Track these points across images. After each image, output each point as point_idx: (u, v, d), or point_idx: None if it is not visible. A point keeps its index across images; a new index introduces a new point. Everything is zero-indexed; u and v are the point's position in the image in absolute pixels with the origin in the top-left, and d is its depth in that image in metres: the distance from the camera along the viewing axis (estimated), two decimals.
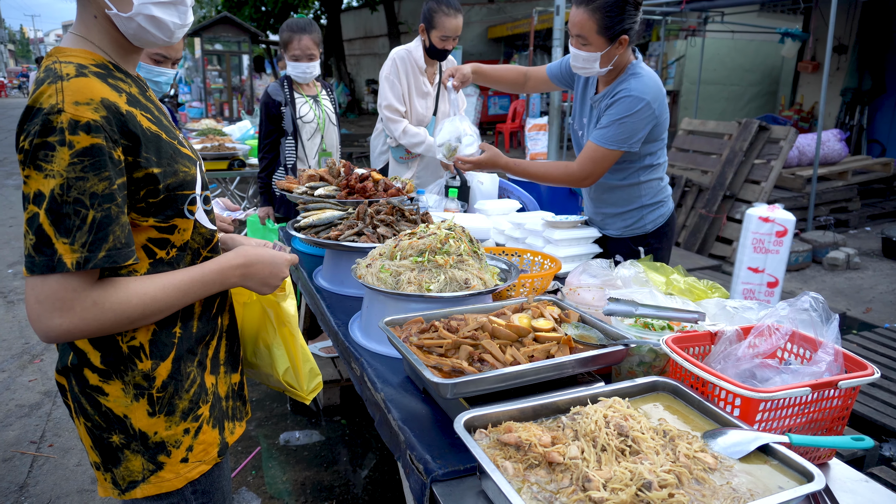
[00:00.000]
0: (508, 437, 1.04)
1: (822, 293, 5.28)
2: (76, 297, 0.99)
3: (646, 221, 2.47)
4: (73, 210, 0.97)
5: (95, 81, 1.03)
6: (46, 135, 0.97)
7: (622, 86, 2.22)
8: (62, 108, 0.98)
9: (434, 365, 1.28)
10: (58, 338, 1.01)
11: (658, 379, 1.27)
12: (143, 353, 1.15)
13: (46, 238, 0.97)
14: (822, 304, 1.34)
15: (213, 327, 1.29)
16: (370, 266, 1.74)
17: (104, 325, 1.03)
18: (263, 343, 1.50)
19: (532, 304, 1.54)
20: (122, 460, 1.17)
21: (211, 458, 1.27)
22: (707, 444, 1.06)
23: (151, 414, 1.17)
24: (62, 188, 0.97)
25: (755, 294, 4.53)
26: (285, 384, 1.53)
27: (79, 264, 0.98)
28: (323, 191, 2.46)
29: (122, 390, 1.14)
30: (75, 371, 1.14)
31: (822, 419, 1.21)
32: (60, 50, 1.09)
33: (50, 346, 4.08)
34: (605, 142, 2.21)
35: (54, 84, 0.99)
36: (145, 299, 1.07)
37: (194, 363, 1.23)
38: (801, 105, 10.73)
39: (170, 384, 1.18)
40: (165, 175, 1.10)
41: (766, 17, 12.26)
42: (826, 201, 6.97)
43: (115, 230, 1.02)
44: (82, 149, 0.98)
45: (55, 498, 2.65)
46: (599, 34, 2.10)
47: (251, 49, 11.94)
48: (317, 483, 2.76)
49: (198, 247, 1.22)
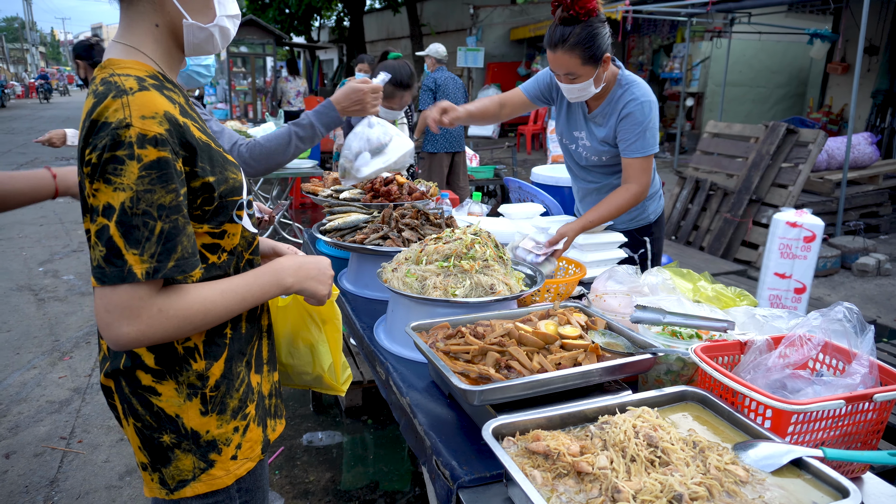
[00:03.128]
0: (537, 445, 1.04)
1: (852, 300, 5.17)
2: (143, 306, 1.02)
3: (648, 212, 2.61)
4: (142, 222, 1.00)
5: (156, 94, 1.05)
6: (115, 149, 0.99)
7: (627, 96, 2.31)
8: (130, 122, 1.00)
9: (461, 371, 1.28)
10: (126, 345, 1.04)
11: (687, 388, 1.25)
12: (197, 353, 1.17)
13: (117, 249, 1.00)
14: (856, 315, 1.32)
15: (258, 328, 1.33)
16: (396, 270, 1.75)
17: (168, 332, 1.06)
18: (304, 342, 1.52)
19: (558, 310, 1.54)
20: (172, 460, 1.19)
21: (256, 455, 1.29)
22: (738, 456, 1.05)
23: (204, 413, 1.19)
24: (132, 201, 0.99)
25: (782, 300, 4.45)
26: (327, 380, 1.55)
27: (148, 274, 1.01)
28: (348, 194, 2.47)
29: (174, 390, 1.16)
30: (127, 373, 1.16)
31: (856, 432, 1.19)
32: (114, 62, 1.10)
33: (79, 344, 4.17)
34: (645, 150, 2.32)
35: (119, 98, 1.01)
36: (206, 304, 1.09)
37: (243, 363, 1.26)
38: (830, 107, 10.54)
39: (222, 383, 1.21)
40: (219, 183, 1.13)
41: (795, 17, 12.05)
42: (856, 206, 6.82)
43: (182, 240, 1.05)
44: (150, 162, 1.00)
45: (84, 493, 2.71)
46: (585, 65, 2.18)
47: (275, 51, 12.07)
48: (340, 484, 2.78)
49: (241, 250, 1.24)
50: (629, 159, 2.33)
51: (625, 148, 2.34)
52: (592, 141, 2.45)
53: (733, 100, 12.32)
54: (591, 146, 2.47)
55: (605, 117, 2.37)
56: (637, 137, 2.30)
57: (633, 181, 2.33)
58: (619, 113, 2.31)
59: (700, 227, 6.73)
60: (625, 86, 2.32)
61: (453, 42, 17.35)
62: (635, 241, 2.59)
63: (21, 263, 5.89)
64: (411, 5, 17.04)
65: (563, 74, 2.22)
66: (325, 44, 23.44)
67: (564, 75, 2.22)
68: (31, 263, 5.90)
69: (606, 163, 2.48)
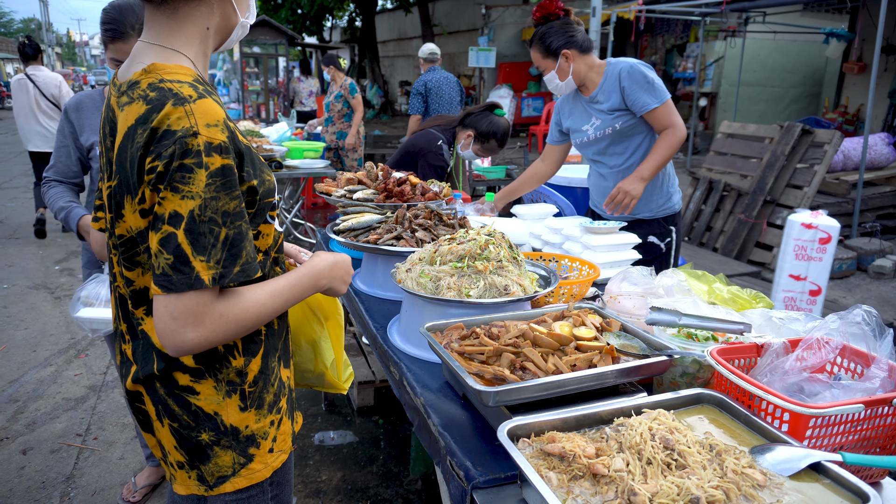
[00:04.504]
0: (552, 447, 1.04)
1: (868, 302, 5.12)
2: (207, 312, 1.03)
3: (673, 201, 2.75)
4: (208, 229, 1.01)
5: (213, 101, 1.06)
6: (184, 157, 0.99)
7: (618, 67, 2.55)
8: (197, 130, 1.00)
9: (476, 372, 1.28)
10: (188, 351, 1.05)
11: (703, 391, 1.25)
12: (236, 350, 1.19)
13: (185, 257, 1.00)
14: (875, 318, 1.31)
15: (285, 324, 1.35)
16: (410, 271, 1.75)
17: (227, 335, 1.08)
18: (306, 339, 1.53)
19: (573, 311, 1.53)
20: (211, 457, 1.20)
21: (288, 447, 1.32)
22: (755, 459, 1.04)
23: (243, 409, 1.20)
24: (200, 208, 1.00)
25: (796, 302, 4.41)
26: (329, 377, 1.56)
27: (215, 280, 1.02)
28: (361, 194, 2.48)
29: (213, 388, 1.17)
30: (162, 376, 1.16)
31: (875, 437, 1.18)
32: (159, 67, 1.08)
33: (95, 342, 4.21)
34: (660, 97, 2.50)
35: (181, 106, 1.01)
36: (258, 307, 1.11)
37: (276, 358, 1.28)
38: (846, 107, 10.42)
39: (260, 379, 1.22)
40: (259, 185, 1.14)
41: (810, 16, 11.94)
42: (872, 207, 6.74)
43: (245, 245, 1.06)
44: (216, 169, 1.01)
45: (100, 490, 2.74)
46: (545, 58, 2.61)
47: (287, 51, 12.12)
48: (352, 483, 2.79)
49: (268, 248, 1.25)
50: (651, 112, 2.51)
51: (641, 106, 2.52)
52: (601, 117, 2.64)
53: (747, 99, 12.21)
54: (602, 122, 2.65)
55: (606, 92, 2.59)
56: (645, 91, 2.49)
57: (667, 125, 2.51)
58: (619, 81, 2.54)
59: (713, 228, 6.69)
60: (613, 64, 2.59)
61: (465, 42, 17.35)
62: (663, 229, 2.72)
63: (38, 262, 5.96)
64: (423, 5, 17.07)
65: (539, 70, 2.67)
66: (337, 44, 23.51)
67: (538, 69, 2.67)
68: (48, 262, 5.97)
69: (621, 130, 2.62)
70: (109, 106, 1.15)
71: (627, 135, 2.63)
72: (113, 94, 1.15)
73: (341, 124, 6.82)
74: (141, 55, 1.12)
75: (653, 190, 2.68)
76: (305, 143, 6.31)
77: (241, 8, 1.19)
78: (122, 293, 1.21)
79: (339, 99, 6.77)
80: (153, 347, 1.16)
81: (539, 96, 15.81)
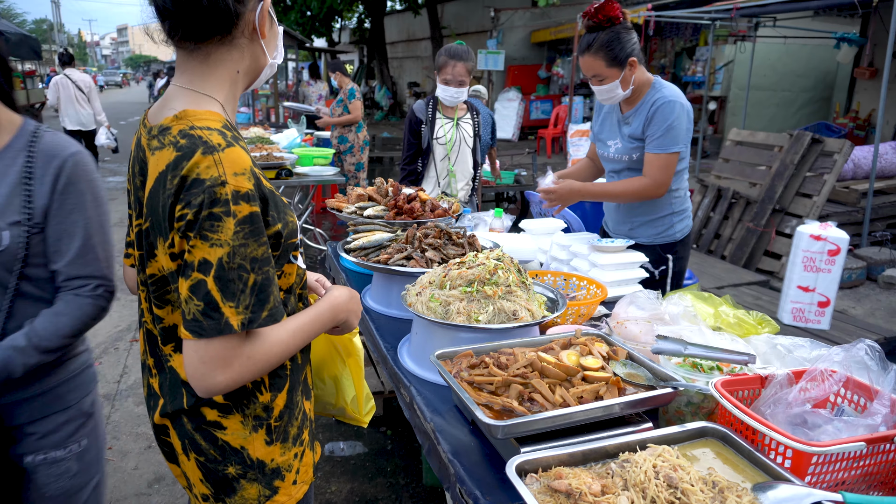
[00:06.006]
0: (559, 483, 1.07)
1: (877, 313, 5.11)
2: (235, 355, 1.06)
3: (675, 230, 2.65)
4: (237, 275, 1.04)
5: (240, 150, 1.08)
6: (213, 206, 1.02)
7: (657, 95, 2.44)
8: (225, 180, 1.03)
9: (485, 403, 1.31)
10: (216, 392, 1.08)
11: (707, 425, 1.27)
12: (263, 386, 1.21)
13: (215, 304, 1.03)
14: (878, 353, 1.33)
15: (307, 358, 1.38)
16: (420, 294, 1.78)
17: (254, 375, 1.11)
18: (329, 375, 1.57)
19: (580, 339, 1.56)
20: (237, 490, 1.22)
21: (309, 478, 1.35)
22: (757, 497, 1.07)
23: (269, 443, 1.23)
24: (228, 256, 1.03)
25: (805, 314, 4.41)
26: (350, 411, 1.60)
27: (244, 325, 1.05)
28: (372, 211, 2.52)
29: (240, 423, 1.20)
30: (191, 411, 1.19)
31: (876, 472, 1.20)
32: (190, 113, 1.10)
33: (108, 350, 4.27)
34: (666, 147, 2.41)
35: (210, 155, 1.03)
36: (282, 346, 1.14)
37: (299, 391, 1.31)
38: (857, 112, 10.36)
39: (285, 413, 1.25)
40: (283, 228, 1.16)
41: (821, 21, 11.85)
42: (882, 216, 6.71)
43: (272, 290, 1.09)
44: (244, 217, 1.04)
45: (114, 501, 2.79)
46: (610, 67, 2.40)
47: (297, 55, 12.20)
48: (361, 494, 2.82)
49: (291, 286, 1.27)
50: (649, 154, 2.44)
51: (648, 143, 2.45)
52: (623, 141, 2.57)
53: (757, 104, 12.16)
54: (622, 146, 2.58)
55: (639, 116, 2.49)
56: (661, 134, 2.40)
57: (648, 175, 2.46)
58: (649, 110, 2.44)
59: (722, 235, 6.68)
60: (658, 88, 2.47)
61: (474, 44, 17.32)
62: (658, 257, 2.62)
63: None
64: (432, 7, 17.10)
65: (591, 77, 2.45)
66: (346, 45, 23.59)
67: (593, 77, 2.45)
68: None
69: (638, 160, 2.54)
70: (140, 146, 1.17)
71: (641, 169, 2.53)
72: (143, 134, 1.17)
73: (342, 129, 7.03)
74: (173, 100, 1.15)
75: (653, 217, 2.61)
76: (315, 149, 6.34)
77: (269, 49, 1.21)
78: (150, 329, 1.24)
79: (339, 104, 7.03)
80: (181, 383, 1.19)
81: (548, 99, 15.83)
